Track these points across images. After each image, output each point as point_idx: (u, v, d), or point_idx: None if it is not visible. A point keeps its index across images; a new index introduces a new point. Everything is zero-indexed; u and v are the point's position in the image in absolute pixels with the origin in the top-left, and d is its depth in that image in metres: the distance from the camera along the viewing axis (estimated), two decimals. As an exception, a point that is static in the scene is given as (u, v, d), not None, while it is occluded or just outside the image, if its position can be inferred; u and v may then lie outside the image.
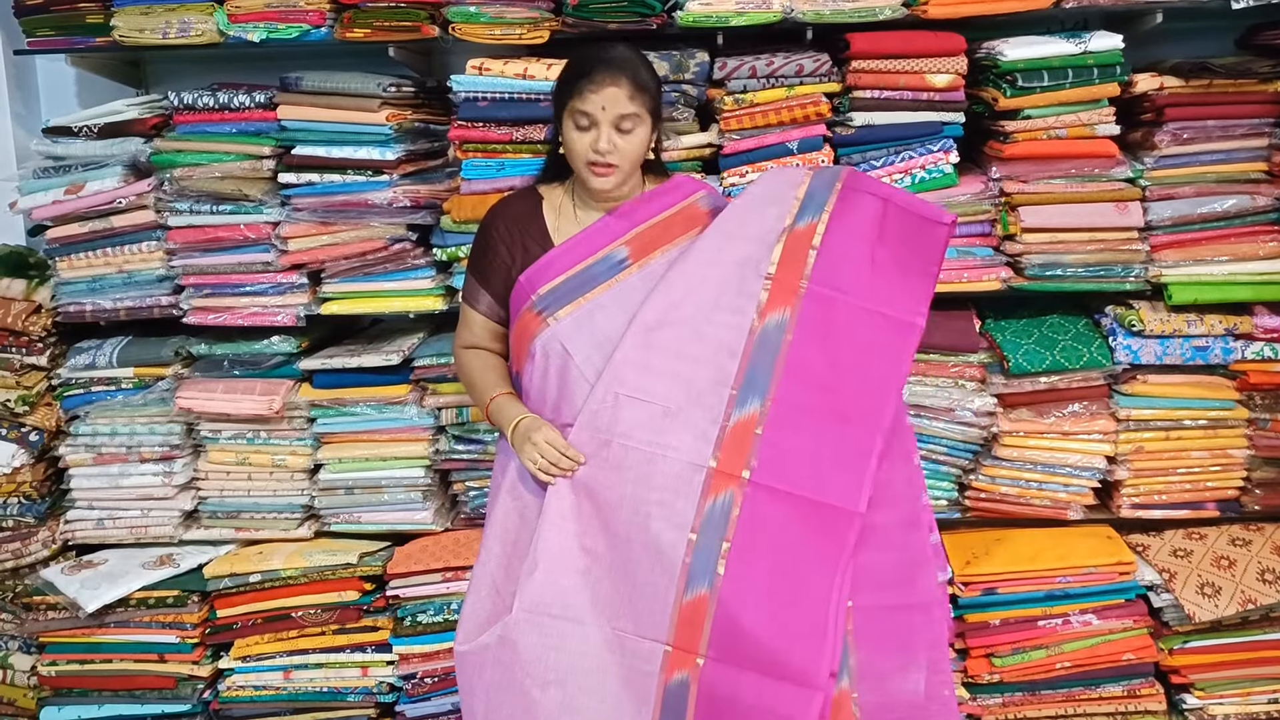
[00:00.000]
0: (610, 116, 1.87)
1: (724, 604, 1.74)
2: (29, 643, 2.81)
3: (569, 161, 1.96)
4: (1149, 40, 2.70)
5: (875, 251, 1.85)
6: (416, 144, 2.72)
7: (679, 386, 1.82)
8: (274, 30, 2.64)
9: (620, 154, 1.89)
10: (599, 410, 1.81)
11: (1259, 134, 2.59)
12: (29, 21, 2.71)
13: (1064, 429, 2.63)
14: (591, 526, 1.79)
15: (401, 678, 2.73)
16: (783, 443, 1.78)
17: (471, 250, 2.06)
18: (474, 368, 2.07)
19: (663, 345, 1.84)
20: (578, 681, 1.77)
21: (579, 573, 1.78)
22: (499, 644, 1.78)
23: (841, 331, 1.81)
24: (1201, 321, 2.59)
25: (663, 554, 1.76)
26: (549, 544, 1.78)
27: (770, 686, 1.71)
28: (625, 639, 1.77)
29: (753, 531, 1.76)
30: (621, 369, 1.83)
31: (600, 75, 1.86)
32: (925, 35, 2.54)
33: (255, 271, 2.73)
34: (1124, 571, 2.62)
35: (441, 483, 2.86)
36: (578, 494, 1.80)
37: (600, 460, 1.80)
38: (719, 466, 1.78)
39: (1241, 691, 2.66)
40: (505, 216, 2.02)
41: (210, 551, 2.82)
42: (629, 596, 1.77)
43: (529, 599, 1.77)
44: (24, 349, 2.78)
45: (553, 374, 1.91)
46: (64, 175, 2.73)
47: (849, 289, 1.83)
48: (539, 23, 2.58)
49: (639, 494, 1.78)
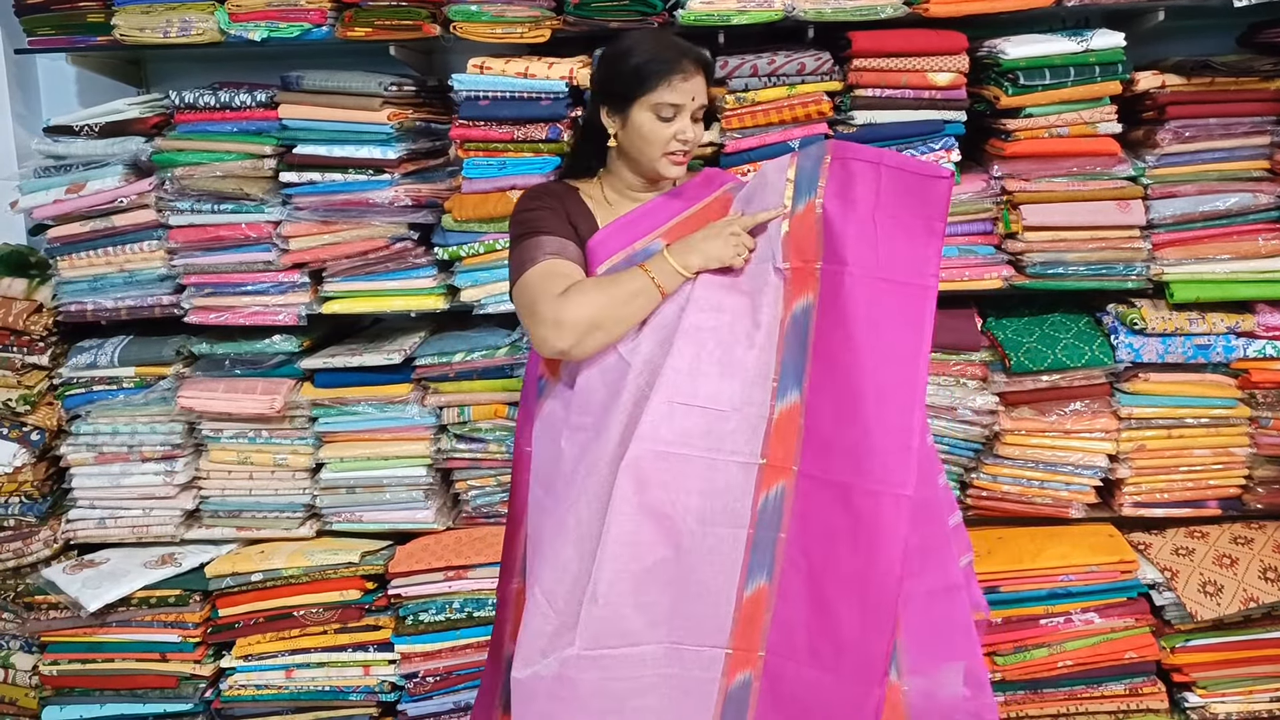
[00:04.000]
0: (694, 106, 1.87)
1: (783, 595, 1.71)
2: (30, 642, 2.81)
3: (636, 153, 1.89)
4: (1151, 38, 2.70)
5: (876, 216, 1.78)
6: (418, 143, 2.72)
7: (728, 387, 1.76)
8: (275, 29, 2.64)
9: (693, 143, 1.90)
10: (657, 422, 1.72)
11: (1261, 132, 2.58)
12: (30, 20, 2.71)
13: (1066, 427, 2.63)
14: (653, 546, 1.72)
15: (403, 677, 2.73)
16: (824, 430, 1.73)
17: (519, 220, 1.89)
18: (602, 282, 1.81)
19: (709, 347, 1.78)
20: (635, 703, 1.72)
21: (638, 596, 1.71)
22: (556, 680, 1.70)
23: (856, 306, 1.75)
24: (1203, 320, 2.59)
25: (723, 556, 1.72)
26: (607, 573, 1.69)
27: (826, 681, 1.68)
28: (684, 651, 1.73)
29: (805, 521, 1.72)
30: (675, 376, 1.75)
31: (690, 66, 1.85)
32: (927, 33, 2.54)
33: (256, 271, 2.73)
34: (1126, 570, 2.62)
35: (443, 482, 2.86)
36: (640, 514, 1.71)
37: (660, 474, 1.72)
38: (769, 461, 1.74)
39: (1243, 690, 2.66)
40: (546, 191, 1.94)
41: (212, 551, 2.82)
42: (689, 607, 1.73)
43: (590, 635, 1.69)
44: (25, 348, 2.78)
45: (598, 371, 1.82)
46: (65, 174, 2.73)
47: (854, 261, 1.76)
48: (540, 21, 2.58)
49: (701, 504, 1.73)
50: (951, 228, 2.61)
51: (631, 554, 1.70)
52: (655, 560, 1.72)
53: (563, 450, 1.84)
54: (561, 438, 1.85)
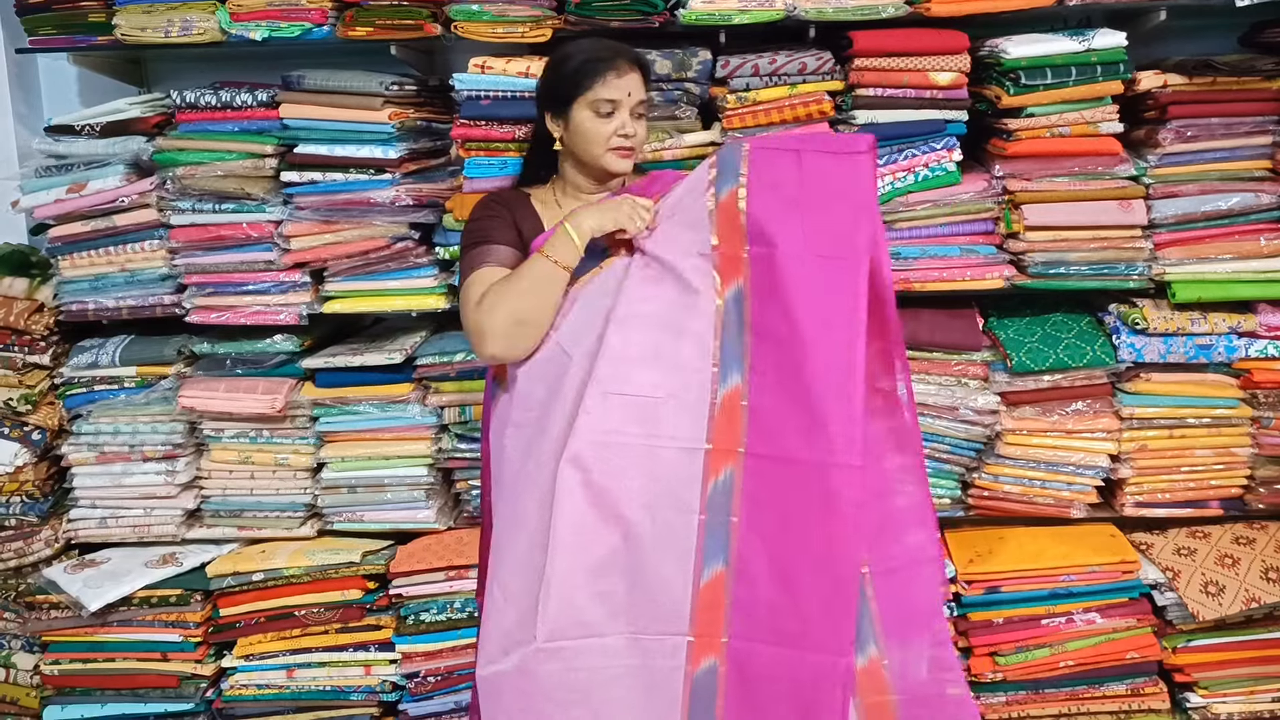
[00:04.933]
0: (633, 102, 1.94)
1: (741, 578, 1.72)
2: (32, 642, 2.81)
3: (580, 151, 1.96)
4: (1152, 38, 2.69)
5: (799, 197, 1.78)
6: (419, 142, 2.72)
7: (664, 374, 1.79)
8: (276, 29, 2.64)
9: (638, 139, 1.96)
10: (592, 413, 1.76)
11: (1263, 131, 2.58)
12: (31, 20, 2.71)
13: (1067, 427, 2.63)
14: (601, 534, 1.75)
15: (404, 676, 2.73)
16: (769, 409, 1.75)
17: (468, 230, 1.98)
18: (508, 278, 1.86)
19: (641, 337, 1.80)
20: (601, 695, 1.73)
21: (593, 586, 1.73)
22: (517, 673, 1.72)
23: (788, 285, 1.76)
24: (1205, 320, 2.58)
25: (675, 543, 1.74)
26: (560, 564, 1.72)
27: (793, 657, 1.69)
28: (645, 640, 1.74)
29: (757, 502, 1.74)
30: (606, 366, 1.78)
31: (623, 63, 1.93)
32: (928, 33, 2.54)
33: (257, 270, 2.73)
34: (1127, 570, 2.62)
35: (444, 481, 2.86)
36: (585, 503, 1.75)
37: (602, 463, 1.75)
38: (715, 445, 1.76)
39: (1245, 690, 2.66)
40: (497, 199, 2.03)
41: (213, 550, 2.82)
42: (645, 595, 1.74)
43: (548, 627, 1.71)
44: (26, 348, 2.78)
45: (538, 368, 1.85)
46: (66, 174, 2.73)
47: (780, 241, 1.78)
48: (541, 21, 2.58)
49: (645, 489, 1.75)
50: (953, 227, 2.62)
51: (579, 542, 1.73)
52: (607, 549, 1.74)
53: (505, 447, 1.89)
54: (505, 435, 1.90)
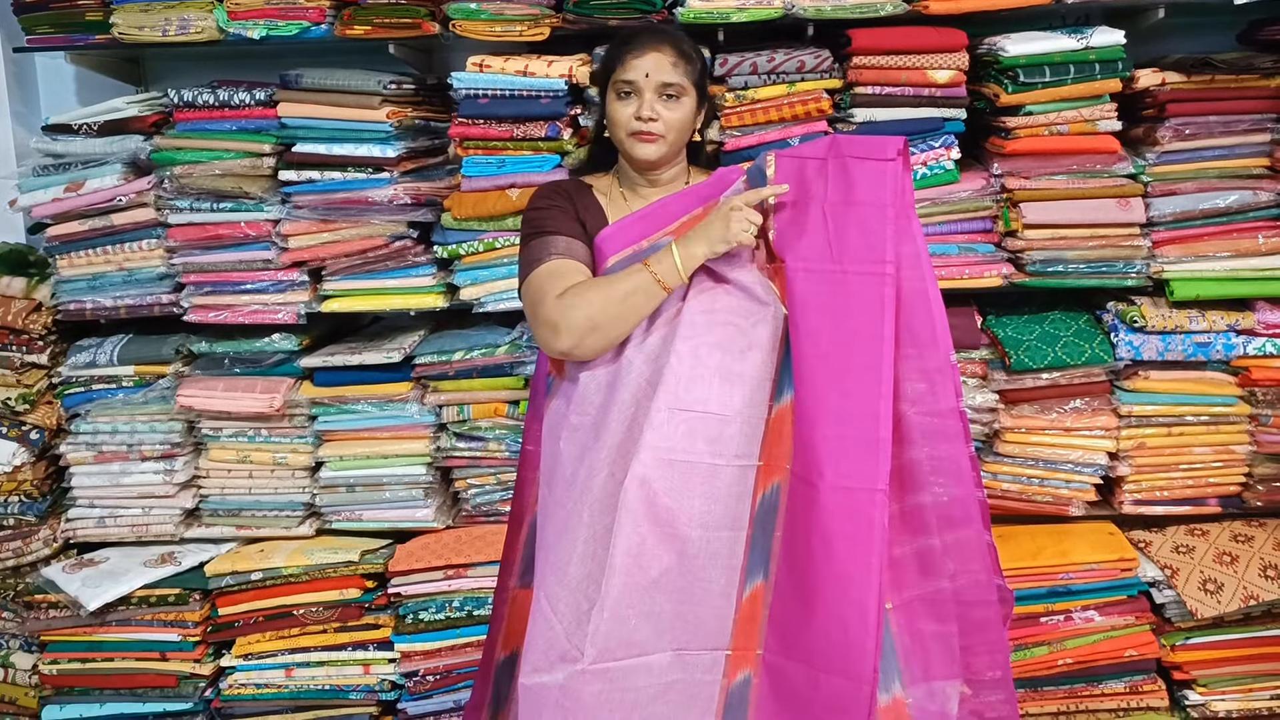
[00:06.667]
0: (653, 84, 1.82)
1: (777, 592, 1.71)
2: (30, 641, 2.81)
3: (613, 138, 1.89)
4: (1151, 36, 2.69)
5: (826, 209, 1.75)
6: (417, 141, 2.72)
7: (730, 392, 1.74)
8: (274, 27, 2.63)
9: (665, 123, 1.83)
10: (660, 429, 1.71)
11: (1261, 129, 2.58)
12: (28, 19, 2.70)
13: (1066, 425, 2.63)
14: (658, 553, 1.70)
15: (403, 675, 2.73)
16: (806, 427, 1.72)
17: (528, 219, 1.88)
18: (605, 281, 1.78)
19: (708, 351, 1.75)
20: (641, 713, 1.71)
21: (644, 605, 1.70)
22: (561, 691, 1.68)
23: (815, 300, 1.73)
24: (1203, 317, 2.59)
25: (725, 559, 1.72)
26: (615, 585, 1.67)
27: (820, 677, 1.67)
28: (688, 656, 1.72)
29: (795, 520, 1.72)
30: (675, 382, 1.72)
31: (643, 42, 1.83)
32: (927, 31, 2.54)
33: (256, 269, 2.72)
34: (1126, 568, 2.62)
35: (443, 480, 2.86)
36: (647, 523, 1.70)
37: (666, 482, 1.70)
38: (765, 462, 1.74)
39: (1243, 688, 2.66)
40: (559, 190, 1.93)
41: (211, 549, 2.82)
42: (691, 610, 1.72)
43: (599, 647, 1.67)
44: (24, 347, 2.77)
45: (598, 371, 1.80)
46: (64, 173, 2.72)
47: (808, 255, 1.74)
48: (539, 19, 2.58)
49: (705, 509, 1.71)
50: (951, 225, 2.61)
51: (638, 565, 1.69)
52: (661, 570, 1.70)
53: (560, 450, 1.83)
54: (560, 438, 1.84)
